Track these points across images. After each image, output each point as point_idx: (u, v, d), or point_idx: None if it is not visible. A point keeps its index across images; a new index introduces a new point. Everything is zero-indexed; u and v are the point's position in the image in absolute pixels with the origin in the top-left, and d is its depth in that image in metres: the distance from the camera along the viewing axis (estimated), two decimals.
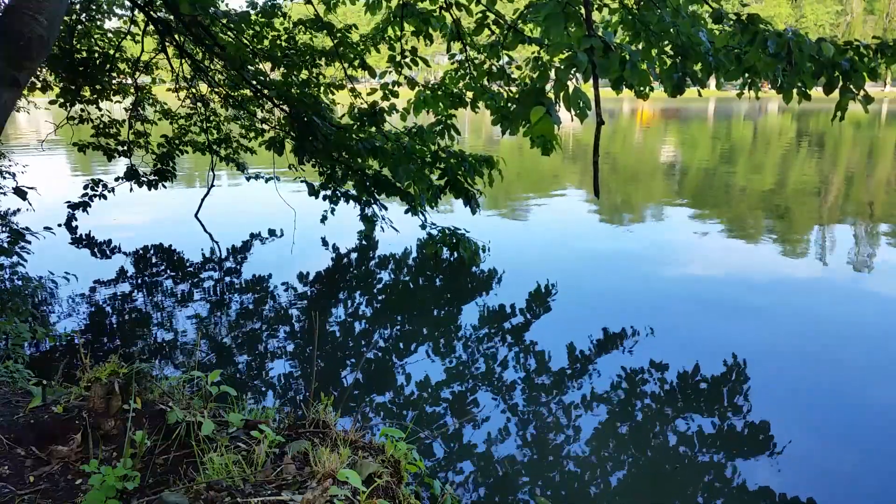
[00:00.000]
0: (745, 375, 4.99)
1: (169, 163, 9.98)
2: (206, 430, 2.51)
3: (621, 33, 5.01)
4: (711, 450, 3.99)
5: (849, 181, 15.57)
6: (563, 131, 10.28)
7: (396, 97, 7.66)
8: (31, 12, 2.42)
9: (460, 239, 8.03)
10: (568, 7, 3.95)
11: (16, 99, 2.58)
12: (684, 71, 4.74)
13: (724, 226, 10.36)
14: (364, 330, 6.01)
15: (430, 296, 7.19)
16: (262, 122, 9.17)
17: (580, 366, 5.19)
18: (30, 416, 2.67)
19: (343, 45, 7.72)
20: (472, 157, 7.86)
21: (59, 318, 6.04)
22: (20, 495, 2.22)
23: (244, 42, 7.66)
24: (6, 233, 6.01)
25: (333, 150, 7.83)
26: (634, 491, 3.61)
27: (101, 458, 2.47)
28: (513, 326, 6.05)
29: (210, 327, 5.95)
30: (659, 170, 18.05)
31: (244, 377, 4.93)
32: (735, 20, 4.53)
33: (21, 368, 3.49)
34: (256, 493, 2.25)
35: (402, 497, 2.57)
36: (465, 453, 3.91)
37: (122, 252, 8.61)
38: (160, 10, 7.83)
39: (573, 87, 3.74)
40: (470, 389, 4.76)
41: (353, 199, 8.89)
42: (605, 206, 11.90)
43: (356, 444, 2.77)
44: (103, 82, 8.87)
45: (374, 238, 9.22)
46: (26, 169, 8.26)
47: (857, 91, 4.50)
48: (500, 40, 6.53)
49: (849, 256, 8.52)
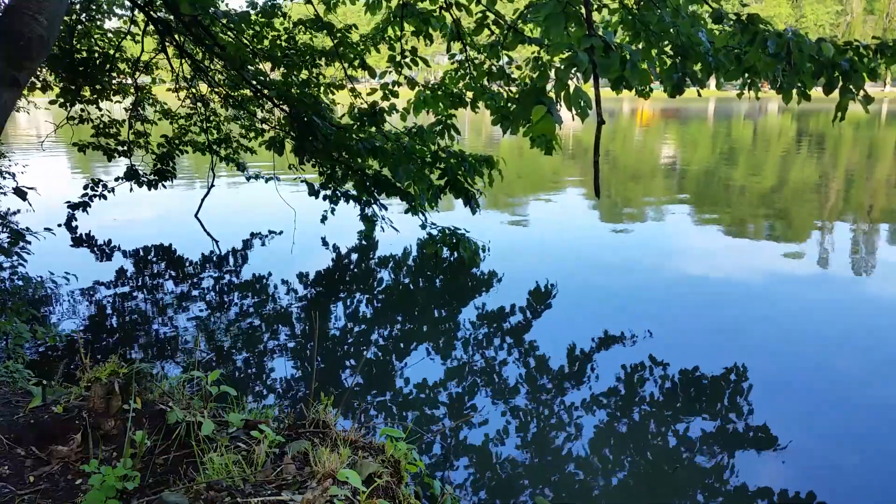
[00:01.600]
0: (746, 375, 4.99)
1: (169, 163, 9.97)
2: (206, 430, 2.51)
3: (621, 33, 5.01)
4: (711, 450, 3.99)
5: (849, 181, 15.57)
6: (563, 131, 10.29)
7: (396, 97, 7.66)
8: (31, 12, 2.42)
9: (460, 239, 8.04)
10: (568, 7, 3.94)
11: (16, 99, 2.58)
12: (684, 71, 4.74)
13: (723, 226, 10.36)
14: (364, 330, 6.01)
15: (430, 296, 7.19)
16: (262, 122, 9.17)
17: (580, 366, 5.18)
18: (30, 416, 2.67)
19: (343, 45, 7.72)
20: (472, 157, 7.86)
21: (59, 318, 6.04)
22: (20, 495, 2.22)
23: (244, 42, 7.66)
24: (6, 233, 6.01)
25: (333, 150, 7.82)
26: (634, 491, 3.61)
27: (101, 458, 2.47)
28: (513, 326, 6.05)
29: (210, 327, 5.95)
30: (659, 170, 18.05)
31: (244, 377, 4.93)
32: (735, 20, 4.53)
33: (21, 368, 3.49)
34: (256, 493, 2.25)
35: (402, 497, 2.57)
36: (465, 453, 3.91)
37: (122, 252, 8.61)
38: (160, 10, 7.82)
39: (574, 87, 3.74)
40: (470, 389, 4.76)
41: (353, 199, 8.89)
42: (605, 205, 11.90)
43: (356, 444, 2.77)
44: (103, 82, 8.86)
45: (374, 238, 9.22)
46: (26, 169, 8.26)
47: (856, 91, 4.50)
48: (500, 40, 6.52)
49: (849, 256, 8.53)
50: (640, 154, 22.40)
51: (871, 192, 13.85)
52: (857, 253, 8.78)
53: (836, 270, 7.85)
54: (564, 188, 14.66)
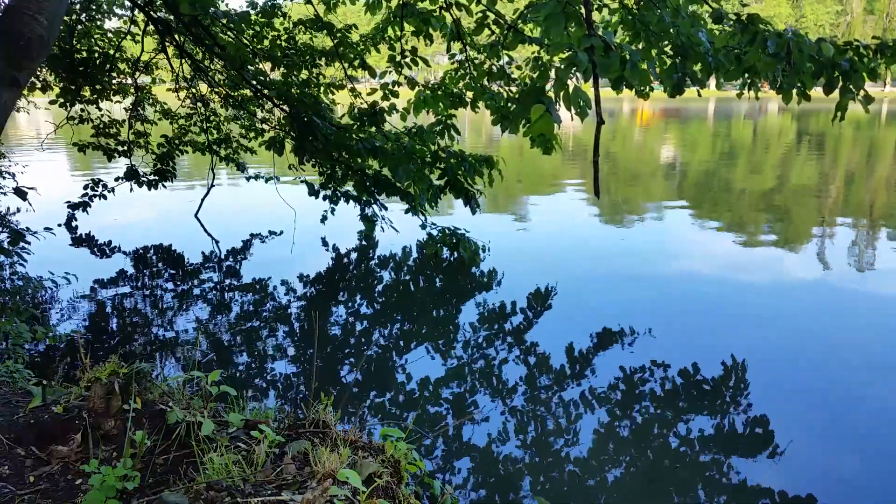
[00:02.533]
0: (746, 375, 4.99)
1: (169, 163, 9.97)
2: (206, 430, 2.51)
3: (621, 33, 5.01)
4: (712, 450, 3.99)
5: (849, 181, 15.57)
6: (562, 131, 10.28)
7: (396, 97, 7.66)
8: (31, 12, 2.42)
9: (460, 239, 8.04)
10: (568, 7, 3.94)
11: (16, 99, 2.58)
12: (684, 71, 4.74)
13: (723, 226, 10.36)
14: (364, 330, 6.01)
15: (430, 296, 7.19)
16: (262, 122, 9.17)
17: (580, 366, 5.19)
18: (30, 416, 2.67)
19: (343, 45, 7.72)
20: (472, 157, 7.86)
21: (59, 318, 6.04)
22: (20, 495, 2.22)
23: (244, 42, 7.66)
24: (6, 233, 6.01)
25: (333, 150, 7.82)
26: (634, 491, 3.61)
27: (101, 458, 2.47)
28: (513, 326, 6.05)
29: (210, 327, 5.95)
30: (659, 170, 18.05)
31: (244, 377, 4.93)
32: (735, 20, 4.53)
33: (21, 368, 3.49)
34: (256, 493, 2.25)
35: (402, 497, 2.57)
36: (465, 453, 3.91)
37: (122, 252, 8.61)
38: (160, 10, 7.82)
39: (573, 87, 3.74)
40: (470, 389, 4.76)
41: (353, 199, 8.89)
42: (605, 205, 11.90)
43: (356, 444, 2.77)
44: (103, 82, 8.86)
45: (374, 238, 9.22)
46: (26, 169, 8.26)
47: (856, 91, 4.50)
48: (500, 40, 6.52)
49: (849, 256, 8.53)
50: (640, 154, 22.40)
51: (871, 193, 13.85)
52: (857, 253, 8.78)
53: (837, 270, 7.85)
54: (564, 188, 14.66)
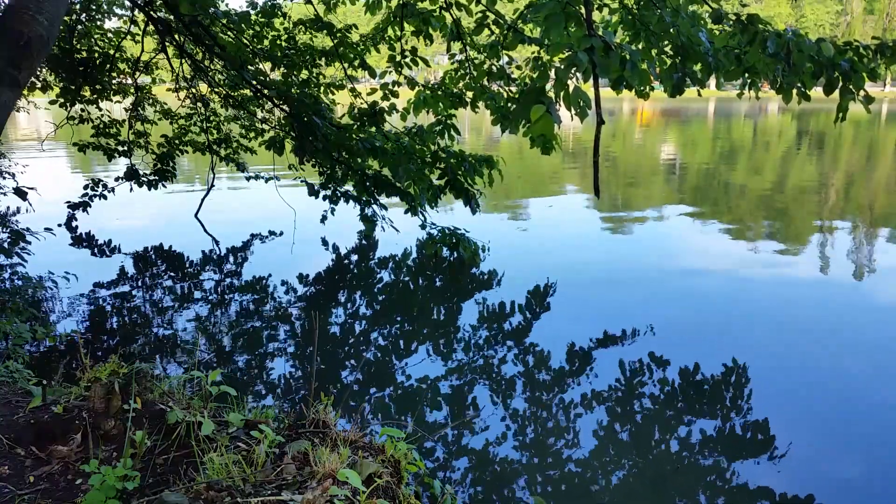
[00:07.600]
0: (746, 376, 4.99)
1: (169, 163, 9.97)
2: (206, 430, 2.51)
3: (621, 33, 5.01)
4: (712, 451, 3.99)
5: (849, 181, 15.57)
6: (562, 131, 10.28)
7: (396, 97, 7.66)
8: (31, 12, 2.42)
9: (460, 239, 8.04)
10: (568, 7, 3.95)
11: (16, 99, 2.58)
12: (684, 71, 4.74)
13: (724, 225, 10.36)
14: (364, 330, 6.01)
15: (430, 296, 7.19)
16: (262, 122, 9.17)
17: (580, 366, 5.18)
18: (30, 416, 2.67)
19: (343, 45, 7.72)
20: (472, 156, 7.85)
21: (59, 318, 6.03)
22: (20, 495, 2.22)
23: (244, 42, 7.66)
24: (6, 233, 6.01)
25: (333, 150, 7.82)
26: (634, 491, 3.61)
27: (101, 458, 2.47)
28: (512, 326, 6.05)
29: (210, 327, 5.95)
30: (659, 170, 18.05)
31: (244, 377, 4.93)
32: (735, 20, 4.53)
33: (21, 368, 3.50)
34: (256, 493, 2.25)
35: (402, 497, 2.57)
36: (465, 453, 3.91)
37: (122, 252, 8.61)
38: (160, 10, 7.82)
39: (573, 87, 3.74)
40: (470, 389, 4.76)
41: (353, 199, 8.89)
42: (605, 205, 11.90)
43: (356, 444, 2.77)
44: (103, 82, 8.87)
45: (374, 238, 9.21)
46: (26, 169, 8.26)
47: (856, 91, 4.50)
48: (500, 40, 6.52)
49: (849, 257, 8.53)
50: (641, 154, 22.40)
51: (871, 193, 13.85)
52: (858, 253, 8.78)
53: (838, 270, 7.85)
54: (564, 188, 14.66)
